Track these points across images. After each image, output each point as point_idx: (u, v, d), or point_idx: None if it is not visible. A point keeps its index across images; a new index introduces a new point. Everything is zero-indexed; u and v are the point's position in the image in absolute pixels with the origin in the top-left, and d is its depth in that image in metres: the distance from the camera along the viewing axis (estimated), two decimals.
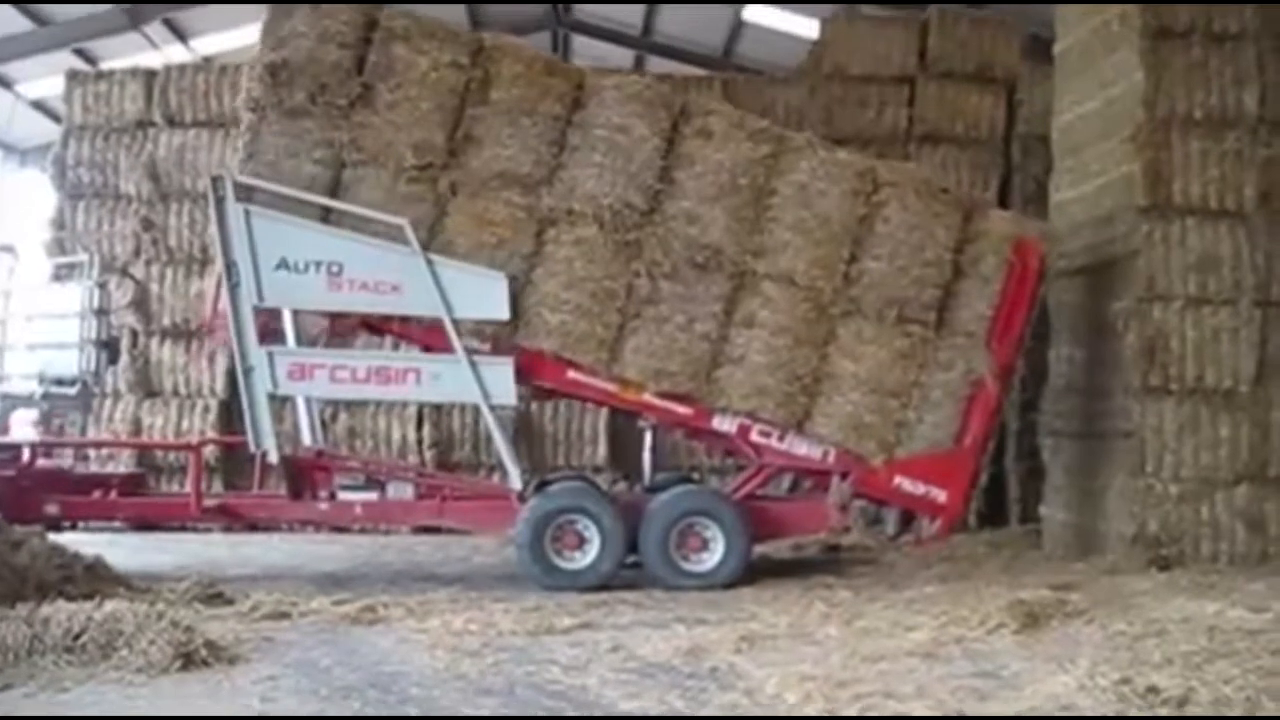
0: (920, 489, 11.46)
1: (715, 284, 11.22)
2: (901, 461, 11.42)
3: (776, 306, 11.27)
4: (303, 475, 11.73)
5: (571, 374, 11.25)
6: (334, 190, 10.89)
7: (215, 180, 10.95)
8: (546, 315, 11.06)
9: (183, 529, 14.67)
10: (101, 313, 11.53)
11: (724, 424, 11.39)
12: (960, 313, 11.51)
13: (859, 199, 11.36)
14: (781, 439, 11.43)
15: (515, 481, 11.39)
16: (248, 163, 10.88)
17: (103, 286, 11.59)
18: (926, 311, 11.40)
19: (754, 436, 11.44)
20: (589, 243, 11.09)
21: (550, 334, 11.09)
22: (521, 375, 11.24)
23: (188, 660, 7.47)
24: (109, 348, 11.75)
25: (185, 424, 16.16)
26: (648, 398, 11.29)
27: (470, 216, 11.01)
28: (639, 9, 24.67)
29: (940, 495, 11.49)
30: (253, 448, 11.16)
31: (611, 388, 11.30)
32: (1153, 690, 6.77)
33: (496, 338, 11.03)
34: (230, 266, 10.79)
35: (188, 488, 12.37)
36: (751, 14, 23.66)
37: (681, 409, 11.34)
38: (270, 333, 11.11)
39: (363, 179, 10.92)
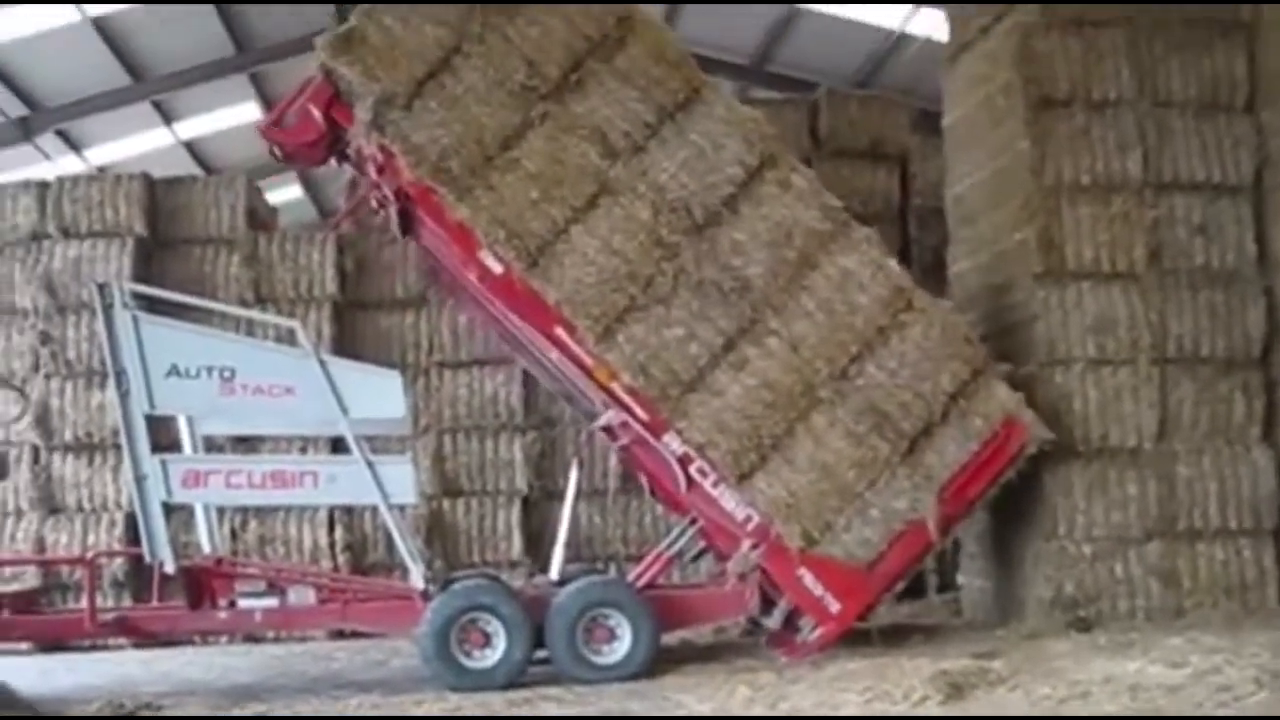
0: (819, 590, 11.37)
1: (728, 316, 11.41)
2: (814, 557, 11.37)
3: (772, 364, 11.42)
4: (201, 584, 11.40)
5: (559, 330, 11.42)
6: (436, 69, 11.22)
7: (102, 288, 10.85)
8: (567, 268, 11.29)
9: (93, 647, 14.29)
10: None
11: (673, 443, 11.44)
12: (930, 454, 11.55)
13: (888, 309, 11.61)
14: (716, 485, 11.48)
15: (418, 580, 11.22)
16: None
17: None
18: (901, 438, 11.49)
19: (692, 469, 11.48)
20: (636, 224, 11.35)
21: (561, 285, 11.28)
22: (516, 309, 11.50)
23: None
24: None
25: (91, 539, 15.70)
26: (615, 387, 11.41)
27: (544, 150, 11.31)
28: None
29: (834, 605, 11.38)
30: (148, 558, 10.95)
31: (587, 360, 11.43)
32: None
33: (511, 262, 11.22)
34: (120, 374, 10.67)
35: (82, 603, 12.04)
36: None
37: (641, 411, 11.43)
38: None
39: (472, 69, 11.29)
